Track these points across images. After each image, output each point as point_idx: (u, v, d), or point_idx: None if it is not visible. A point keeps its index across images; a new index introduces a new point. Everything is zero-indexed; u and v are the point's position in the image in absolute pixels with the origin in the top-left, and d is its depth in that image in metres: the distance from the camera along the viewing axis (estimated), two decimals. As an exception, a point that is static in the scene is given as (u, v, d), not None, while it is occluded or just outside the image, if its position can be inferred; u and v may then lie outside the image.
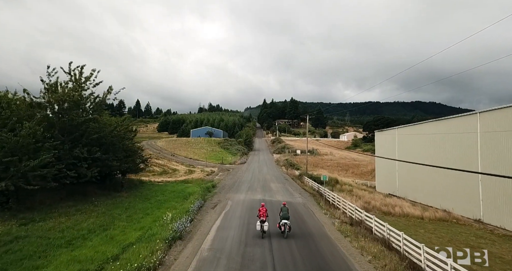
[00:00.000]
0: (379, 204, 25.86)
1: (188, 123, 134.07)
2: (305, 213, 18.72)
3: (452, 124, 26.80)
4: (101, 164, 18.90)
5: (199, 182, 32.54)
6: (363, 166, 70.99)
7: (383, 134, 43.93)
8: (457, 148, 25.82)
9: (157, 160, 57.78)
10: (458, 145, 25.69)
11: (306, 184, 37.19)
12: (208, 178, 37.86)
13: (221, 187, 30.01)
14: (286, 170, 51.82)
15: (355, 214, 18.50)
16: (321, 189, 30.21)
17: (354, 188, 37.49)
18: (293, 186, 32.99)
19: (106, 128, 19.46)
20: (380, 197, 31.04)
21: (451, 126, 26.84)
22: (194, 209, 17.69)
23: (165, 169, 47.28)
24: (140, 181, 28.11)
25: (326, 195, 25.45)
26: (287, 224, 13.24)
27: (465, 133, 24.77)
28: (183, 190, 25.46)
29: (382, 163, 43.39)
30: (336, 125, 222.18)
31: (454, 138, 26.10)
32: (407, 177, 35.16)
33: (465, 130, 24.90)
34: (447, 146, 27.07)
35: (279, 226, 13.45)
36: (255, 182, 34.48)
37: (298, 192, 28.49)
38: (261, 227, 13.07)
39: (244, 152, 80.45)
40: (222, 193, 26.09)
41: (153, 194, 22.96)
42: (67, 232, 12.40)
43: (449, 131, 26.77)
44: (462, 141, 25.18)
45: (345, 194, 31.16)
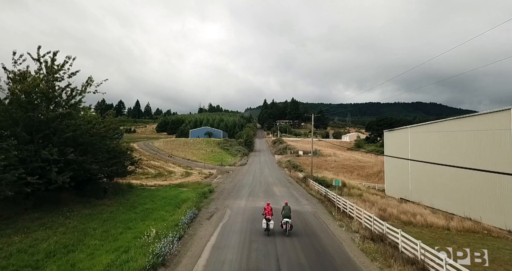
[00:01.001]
0: (397, 212, 22.99)
1: (187, 123, 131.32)
2: (317, 226, 15.85)
3: (480, 121, 23.86)
4: (77, 167, 16.06)
5: (196, 186, 29.70)
6: (368, 167, 68.15)
7: (393, 133, 41.07)
8: (486, 148, 22.91)
9: (152, 161, 54.97)
10: (487, 144, 22.80)
11: (311, 188, 34.34)
12: (206, 181, 35.00)
13: (219, 191, 27.16)
14: (289, 172, 48.97)
15: (373, 225, 15.71)
16: (329, 193, 27.39)
17: (364, 192, 34.64)
18: (298, 191, 30.14)
19: (84, 126, 16.60)
20: (395, 203, 28.20)
21: (478, 123, 23.91)
22: (186, 221, 14.85)
23: (161, 171, 44.45)
24: (129, 185, 25.26)
25: (337, 202, 22.62)
26: (288, 223, 13.75)
27: (496, 130, 21.88)
28: (176, 196, 22.61)
29: (393, 164, 40.55)
30: (337, 126, 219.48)
31: (482, 136, 23.19)
32: (423, 179, 32.27)
33: (496, 127, 22.01)
34: (473, 145, 24.16)
35: (281, 224, 13.92)
36: (256, 186, 31.65)
37: (305, 198, 25.65)
38: (267, 225, 13.70)
39: (245, 153, 77.64)
40: (220, 199, 23.24)
41: (141, 201, 20.10)
42: (15, 257, 9.53)
43: (476, 128, 23.85)
44: (492, 140, 22.29)
45: (356, 200, 28.33)
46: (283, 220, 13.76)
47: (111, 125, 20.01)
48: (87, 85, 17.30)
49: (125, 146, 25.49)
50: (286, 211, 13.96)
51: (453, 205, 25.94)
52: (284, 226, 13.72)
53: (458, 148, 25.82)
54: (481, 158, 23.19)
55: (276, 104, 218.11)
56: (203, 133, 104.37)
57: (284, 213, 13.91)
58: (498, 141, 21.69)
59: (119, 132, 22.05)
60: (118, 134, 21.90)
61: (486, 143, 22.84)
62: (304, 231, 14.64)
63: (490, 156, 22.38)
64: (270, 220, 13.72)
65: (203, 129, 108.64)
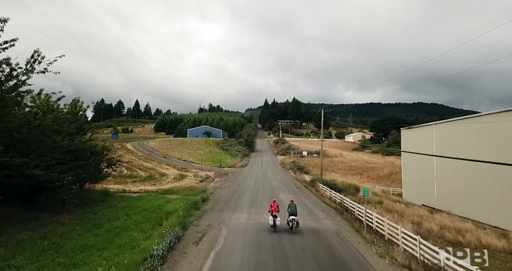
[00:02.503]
0: (437, 228, 18.37)
1: (186, 123, 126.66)
2: (349, 258, 11.13)
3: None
4: (13, 174, 11.47)
5: (188, 193, 25.08)
6: (378, 169, 63.49)
7: (413, 131, 36.45)
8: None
9: (145, 162, 50.36)
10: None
11: (323, 194, 29.74)
12: (201, 186, 30.37)
13: (215, 200, 22.52)
14: (295, 175, 44.33)
15: (420, 251, 11.28)
16: (346, 201, 22.86)
17: (384, 199, 29.97)
18: (309, 198, 25.52)
19: (24, 115, 11.99)
20: (426, 214, 23.53)
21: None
22: (161, 252, 10.21)
23: (152, 173, 39.83)
24: (104, 193, 20.61)
25: (358, 212, 17.99)
26: (294, 220, 13.86)
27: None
28: (160, 208, 18.00)
29: (412, 166, 35.96)
30: (340, 126, 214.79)
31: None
32: (453, 183, 27.66)
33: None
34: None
35: (287, 222, 14.04)
36: (259, 192, 27.05)
37: (320, 208, 21.02)
38: (274, 222, 13.94)
39: (245, 154, 72.98)
40: (215, 211, 18.58)
41: (112, 216, 15.50)
42: None
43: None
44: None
45: (379, 209, 23.74)
46: (289, 217, 13.97)
47: (69, 116, 15.32)
48: (34, 62, 12.68)
49: (101, 145, 20.86)
50: (292, 208, 14.17)
51: (502, 218, 21.22)
52: (290, 223, 13.94)
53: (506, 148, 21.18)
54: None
55: (277, 104, 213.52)
56: (201, 132, 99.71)
57: (290, 210, 14.12)
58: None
59: (87, 127, 17.34)
60: (85, 130, 17.22)
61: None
62: (334, 268, 9.99)
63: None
64: (276, 216, 14.06)
65: (202, 128, 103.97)
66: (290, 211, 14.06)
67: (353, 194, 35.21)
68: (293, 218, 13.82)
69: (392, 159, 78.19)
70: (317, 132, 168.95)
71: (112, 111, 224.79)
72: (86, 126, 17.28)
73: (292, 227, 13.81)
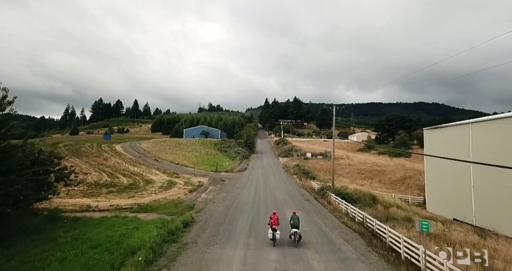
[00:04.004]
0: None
1: (183, 122, 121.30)
2: None
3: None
4: None
5: (170, 210, 19.75)
6: (389, 172, 58.16)
7: (440, 132, 31.14)
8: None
9: (132, 166, 45.03)
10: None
11: (336, 207, 24.48)
12: (189, 199, 25.03)
13: (202, 222, 17.14)
14: (300, 181, 38.99)
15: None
16: (370, 221, 17.59)
17: (411, 214, 24.61)
18: (323, 216, 20.16)
19: None
20: (476, 240, 18.16)
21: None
22: None
23: (136, 180, 34.48)
24: (51, 216, 15.23)
25: (394, 242, 12.58)
26: (297, 233, 13.14)
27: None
28: (120, 241, 12.62)
29: (439, 172, 30.72)
30: (342, 126, 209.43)
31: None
32: (499, 197, 22.41)
33: None
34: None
35: (290, 235, 13.35)
36: (261, 208, 21.71)
37: (341, 234, 15.63)
38: (273, 235, 13.03)
39: (245, 156, 67.63)
40: (199, 244, 13.15)
41: (40, 260, 10.20)
42: None
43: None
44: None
45: (414, 232, 18.34)
46: (292, 230, 13.26)
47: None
48: None
49: (48, 151, 15.51)
50: (294, 221, 13.43)
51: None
52: (292, 237, 13.20)
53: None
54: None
55: (278, 103, 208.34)
56: (199, 132, 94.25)
57: (293, 223, 13.38)
58: None
59: (9, 126, 11.99)
60: (4, 129, 11.85)
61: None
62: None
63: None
64: (276, 230, 13.19)
65: (199, 128, 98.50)
66: (293, 223, 13.33)
67: (370, 205, 29.88)
68: (295, 231, 13.13)
69: (402, 161, 72.93)
70: (318, 132, 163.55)
71: (110, 111, 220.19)
72: (8, 124, 11.91)
73: (295, 240, 13.09)
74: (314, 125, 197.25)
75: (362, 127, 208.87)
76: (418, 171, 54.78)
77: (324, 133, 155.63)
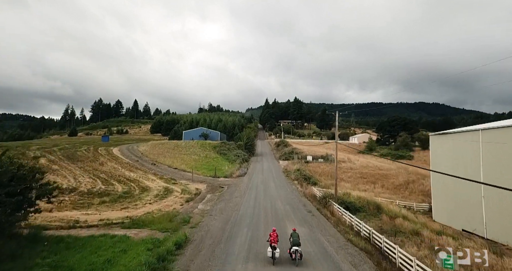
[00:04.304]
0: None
1: (182, 124, 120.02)
2: None
3: None
4: None
5: (164, 225, 18.45)
6: (392, 176, 56.90)
7: (448, 138, 29.83)
8: None
9: (128, 171, 43.77)
10: None
11: (340, 219, 23.24)
12: (185, 210, 23.75)
13: (197, 242, 15.86)
14: (301, 188, 37.70)
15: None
16: (377, 238, 16.39)
17: (419, 226, 23.33)
18: (327, 232, 18.85)
19: None
20: (491, 259, 16.95)
21: None
22: None
23: (132, 187, 33.23)
24: (31, 236, 13.96)
25: (405, 264, 11.39)
26: (298, 251, 12.72)
27: None
28: (104, 269, 11.42)
29: (446, 180, 29.44)
30: (342, 126, 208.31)
31: None
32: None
33: None
34: None
35: (290, 253, 12.97)
36: (260, 221, 20.43)
37: (347, 257, 14.32)
38: (273, 253, 12.70)
39: (245, 159, 66.37)
40: (192, 272, 11.93)
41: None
42: None
43: None
44: None
45: (425, 250, 17.05)
46: (292, 248, 12.81)
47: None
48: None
49: (30, 166, 14.24)
50: (295, 238, 13.01)
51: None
52: (293, 255, 12.76)
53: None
54: None
55: (278, 104, 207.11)
56: (198, 134, 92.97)
57: (293, 240, 12.95)
58: None
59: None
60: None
61: None
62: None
63: None
64: (276, 248, 12.75)
65: (198, 130, 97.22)
66: (293, 241, 12.95)
67: (374, 215, 28.62)
68: (296, 249, 12.71)
69: (404, 165, 71.68)
70: (319, 133, 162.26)
71: (110, 111, 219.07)
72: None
73: (296, 258, 12.69)
74: (314, 126, 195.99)
75: (363, 128, 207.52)
76: (422, 175, 53.48)
77: (325, 134, 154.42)
